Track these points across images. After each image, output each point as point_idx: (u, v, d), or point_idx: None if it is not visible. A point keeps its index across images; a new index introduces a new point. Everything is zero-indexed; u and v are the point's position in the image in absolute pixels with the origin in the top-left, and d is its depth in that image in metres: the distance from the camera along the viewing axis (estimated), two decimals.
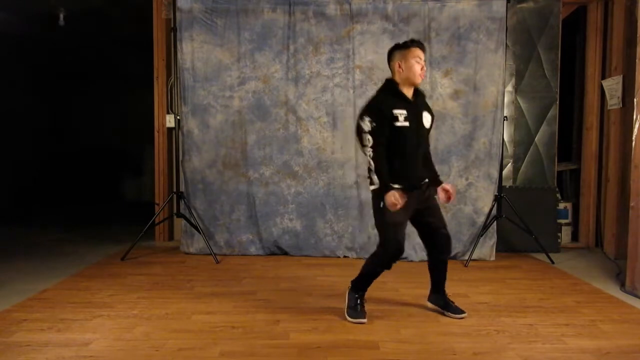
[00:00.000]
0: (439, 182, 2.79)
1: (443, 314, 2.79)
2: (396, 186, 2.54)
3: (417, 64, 2.59)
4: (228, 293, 3.20)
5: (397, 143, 2.57)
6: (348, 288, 2.80)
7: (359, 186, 4.21)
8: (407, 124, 2.56)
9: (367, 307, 2.76)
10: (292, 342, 2.42)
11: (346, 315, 2.71)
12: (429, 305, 2.89)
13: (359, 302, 2.74)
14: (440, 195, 2.76)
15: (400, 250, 2.63)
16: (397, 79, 2.65)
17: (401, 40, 2.78)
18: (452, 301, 2.82)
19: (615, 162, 4.41)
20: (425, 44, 4.06)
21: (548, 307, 2.95)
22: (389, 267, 2.68)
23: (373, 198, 2.67)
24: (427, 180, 2.73)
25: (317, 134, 4.23)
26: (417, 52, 2.62)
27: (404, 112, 2.57)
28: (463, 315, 2.74)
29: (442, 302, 2.82)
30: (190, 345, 2.36)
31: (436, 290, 2.86)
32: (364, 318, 2.67)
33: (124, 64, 7.65)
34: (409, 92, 2.65)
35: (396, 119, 2.54)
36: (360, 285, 2.77)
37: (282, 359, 2.24)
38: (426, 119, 2.69)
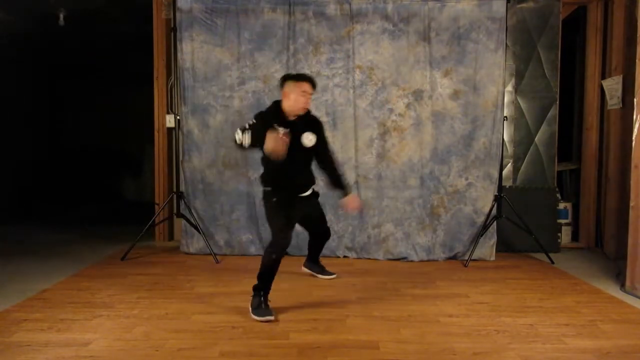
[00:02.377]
0: (343, 194, 3.14)
1: (316, 277, 3.53)
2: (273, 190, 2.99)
3: (302, 97, 2.90)
4: (228, 293, 3.20)
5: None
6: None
7: (359, 186, 4.22)
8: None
9: (366, 306, 2.76)
10: (292, 342, 2.42)
11: (252, 315, 2.72)
12: (304, 269, 3.60)
13: (262, 299, 2.77)
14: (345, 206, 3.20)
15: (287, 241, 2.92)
16: (284, 105, 2.95)
17: (401, 40, 2.83)
18: (323, 266, 3.57)
19: (615, 162, 4.41)
20: (425, 44, 4.15)
21: (548, 307, 2.95)
22: (279, 255, 2.81)
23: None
24: (310, 191, 3.15)
25: None
26: (305, 86, 2.91)
27: (286, 130, 2.84)
28: (333, 276, 3.53)
29: (317, 269, 3.58)
30: (190, 345, 2.36)
31: (313, 260, 3.59)
32: (271, 315, 2.69)
33: (124, 64, 7.65)
34: (291, 117, 2.95)
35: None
36: (261, 283, 2.81)
37: (282, 359, 2.24)
38: (307, 138, 2.97)
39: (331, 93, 4.20)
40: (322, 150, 3.08)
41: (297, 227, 4.19)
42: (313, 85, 2.96)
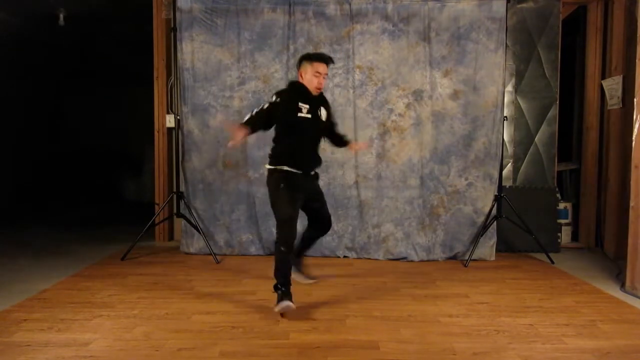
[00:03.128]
0: (348, 142, 3.23)
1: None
2: (286, 168, 2.88)
3: (315, 78, 2.90)
4: (228, 293, 3.20)
5: (296, 132, 2.90)
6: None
7: (359, 186, 4.22)
8: (308, 116, 2.89)
9: (366, 306, 2.76)
10: (292, 342, 2.42)
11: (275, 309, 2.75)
12: None
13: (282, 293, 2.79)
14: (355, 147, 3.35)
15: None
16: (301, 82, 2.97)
17: (401, 41, 2.84)
18: (302, 263, 3.29)
19: (615, 162, 4.41)
20: (425, 44, 4.15)
21: (548, 307, 2.95)
22: (289, 248, 2.81)
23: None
24: (316, 170, 3.09)
25: None
26: (318, 67, 2.90)
27: (307, 105, 2.89)
28: (309, 281, 3.26)
29: (296, 263, 3.18)
30: (190, 345, 2.36)
31: (297, 252, 3.17)
32: (290, 301, 2.73)
33: (124, 64, 7.65)
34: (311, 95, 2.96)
35: (300, 110, 2.87)
36: (279, 279, 2.82)
37: (282, 359, 2.24)
38: (323, 113, 3.02)
39: (331, 93, 4.20)
40: (332, 124, 3.16)
41: (297, 227, 4.23)
42: (327, 65, 2.95)
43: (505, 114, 4.21)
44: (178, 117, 4.28)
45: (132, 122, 8.21)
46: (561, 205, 4.77)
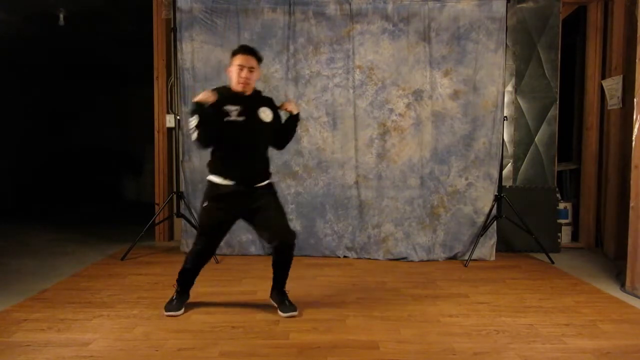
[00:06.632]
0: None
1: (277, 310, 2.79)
2: (216, 180, 2.63)
3: (237, 73, 2.63)
4: (228, 293, 3.20)
5: (229, 138, 2.62)
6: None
7: (359, 186, 4.22)
8: (239, 119, 2.62)
9: (366, 306, 2.76)
10: (292, 342, 2.42)
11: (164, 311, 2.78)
12: (271, 302, 2.87)
13: (174, 297, 2.86)
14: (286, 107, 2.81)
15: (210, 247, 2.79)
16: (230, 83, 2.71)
17: (401, 41, 2.78)
18: (287, 299, 2.81)
19: (615, 162, 4.41)
20: (425, 44, 4.15)
21: (548, 307, 2.95)
22: (196, 264, 2.80)
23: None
24: (261, 183, 2.73)
25: (317, 134, 4.23)
26: (240, 59, 2.63)
27: (236, 107, 2.62)
28: (292, 313, 2.73)
29: (278, 298, 2.82)
30: (190, 345, 2.36)
31: (275, 286, 2.86)
32: (179, 310, 2.77)
33: (124, 64, 7.65)
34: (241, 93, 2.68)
35: (226, 114, 2.60)
36: (180, 279, 2.87)
37: (282, 359, 2.24)
38: (264, 112, 2.70)
39: (331, 93, 4.20)
40: (278, 127, 2.80)
41: (297, 227, 4.23)
42: (253, 57, 2.65)
43: (505, 114, 4.21)
44: (178, 117, 4.28)
45: (132, 122, 8.21)
46: (561, 205, 4.77)
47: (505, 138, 4.45)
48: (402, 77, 4.18)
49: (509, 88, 4.50)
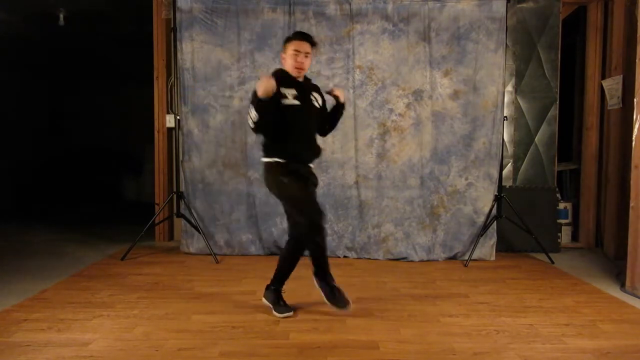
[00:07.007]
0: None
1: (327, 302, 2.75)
2: (283, 161, 2.67)
3: (293, 57, 2.69)
4: (228, 293, 3.20)
5: (287, 121, 2.66)
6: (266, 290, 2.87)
7: (359, 186, 4.22)
8: (296, 102, 2.67)
9: (366, 305, 2.76)
10: (292, 342, 2.42)
11: (274, 313, 2.75)
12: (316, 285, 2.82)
13: (277, 298, 2.82)
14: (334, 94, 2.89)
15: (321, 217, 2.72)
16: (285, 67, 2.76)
17: (401, 41, 2.78)
18: (336, 287, 2.77)
19: (615, 162, 4.41)
20: (425, 44, 4.15)
21: (548, 307, 2.95)
22: (315, 242, 2.69)
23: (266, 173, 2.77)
24: (312, 164, 2.84)
25: None
26: (295, 45, 2.69)
27: (292, 91, 2.67)
28: (345, 309, 2.71)
29: (326, 289, 2.77)
30: (190, 345, 2.36)
31: (318, 274, 2.81)
32: (290, 311, 2.75)
33: (124, 64, 7.65)
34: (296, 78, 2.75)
35: (284, 96, 2.64)
36: (278, 278, 2.85)
37: (282, 359, 2.24)
38: (317, 100, 2.82)
39: None
40: (325, 114, 2.93)
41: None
42: (308, 43, 2.71)
43: (505, 114, 4.21)
44: (178, 117, 4.28)
45: (132, 122, 8.21)
46: (561, 205, 4.77)
47: (505, 138, 4.45)
48: (402, 77, 4.18)
49: (509, 88, 4.50)
